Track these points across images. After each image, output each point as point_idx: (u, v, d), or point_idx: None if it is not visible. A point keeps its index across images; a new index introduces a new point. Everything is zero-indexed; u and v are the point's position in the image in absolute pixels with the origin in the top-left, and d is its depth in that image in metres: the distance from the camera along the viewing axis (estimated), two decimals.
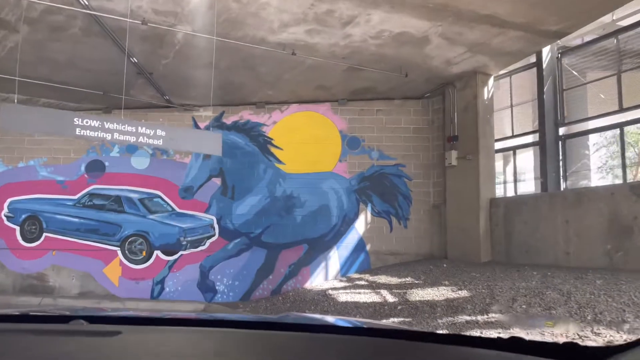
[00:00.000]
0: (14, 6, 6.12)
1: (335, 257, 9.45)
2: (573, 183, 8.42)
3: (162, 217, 9.58)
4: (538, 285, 5.90)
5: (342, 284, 8.69)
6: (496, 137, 8.80)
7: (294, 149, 9.66)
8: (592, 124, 8.09)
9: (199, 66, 7.88)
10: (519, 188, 9.46)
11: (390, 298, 6.87)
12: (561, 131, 8.37)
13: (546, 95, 8.07)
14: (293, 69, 8.19)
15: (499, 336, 1.22)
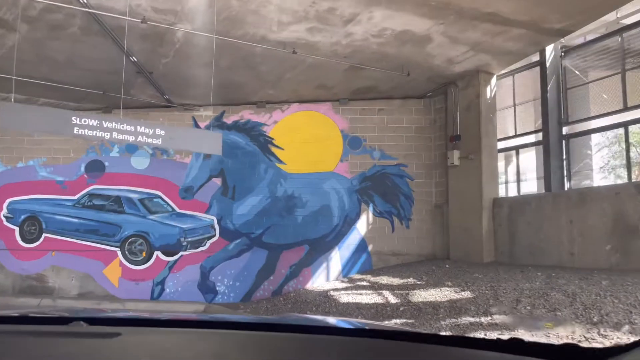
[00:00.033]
0: (12, 5, 6.06)
1: (337, 258, 9.38)
2: (575, 183, 8.34)
3: (162, 218, 9.52)
4: (542, 286, 5.83)
5: (343, 284, 8.62)
6: (498, 137, 8.73)
7: (295, 148, 9.60)
8: (596, 123, 8.00)
9: (199, 65, 7.81)
10: (520, 188, 9.38)
11: (392, 299, 6.80)
12: (564, 130, 8.29)
13: (549, 94, 7.99)
14: (294, 68, 8.13)
15: (498, 337, 1.22)
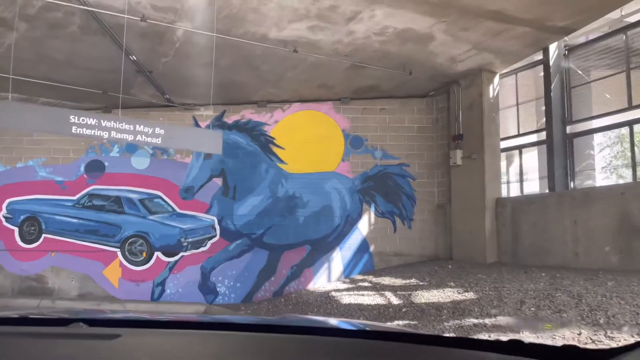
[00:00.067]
0: (10, 3, 6.00)
1: (338, 258, 9.31)
2: (578, 183, 8.25)
3: (162, 218, 9.46)
4: (547, 287, 5.75)
5: (345, 285, 8.55)
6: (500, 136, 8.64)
7: (296, 148, 9.53)
8: (600, 122, 7.91)
9: (199, 64, 7.75)
10: (523, 188, 9.29)
11: (394, 300, 6.72)
12: (568, 129, 8.20)
13: (553, 93, 7.91)
14: (295, 67, 8.06)
15: (498, 338, 1.21)
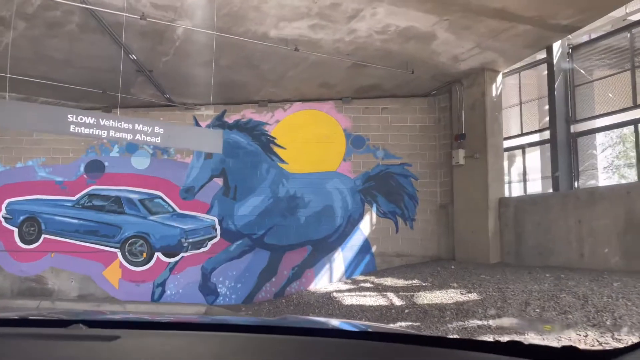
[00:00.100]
0: (6, 1, 5.94)
1: (340, 259, 9.24)
2: (581, 183, 8.17)
3: (162, 218, 9.40)
4: (551, 288, 5.67)
5: (347, 286, 8.47)
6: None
7: (297, 148, 9.46)
8: (605, 121, 7.83)
9: (199, 63, 7.69)
10: (525, 188, 9.21)
11: (397, 301, 6.65)
12: (572, 129, 8.13)
13: (557, 92, 7.83)
14: (296, 66, 8.00)
15: (497, 339, 1.22)
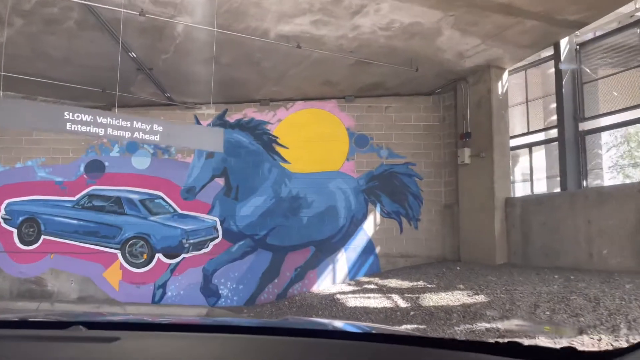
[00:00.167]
0: None
1: (343, 260, 9.10)
2: (588, 182, 8.00)
3: (163, 219, 9.28)
4: (561, 289, 5.53)
5: (350, 288, 8.34)
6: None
7: (299, 147, 9.33)
8: (613, 119, 7.67)
9: (200, 61, 7.57)
10: (527, 188, 9.04)
11: (402, 303, 6.51)
12: (580, 127, 7.96)
13: (565, 89, 7.67)
14: (298, 63, 7.87)
15: (497, 340, 1.21)
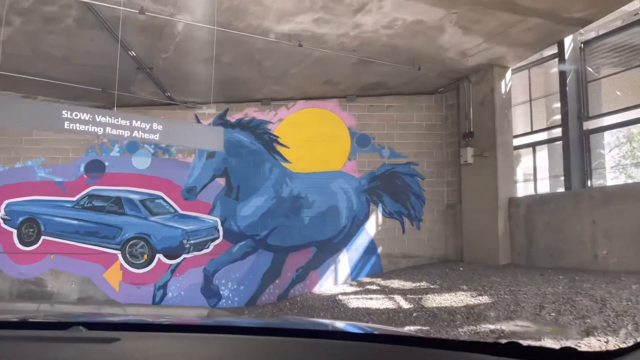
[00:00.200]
0: None
1: (345, 260, 9.03)
2: (593, 182, 7.91)
3: (164, 219, 9.22)
4: (566, 290, 5.45)
5: (352, 288, 8.26)
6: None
7: (301, 147, 9.26)
8: (618, 118, 7.58)
9: (200, 60, 7.51)
10: (530, 188, 8.95)
11: (404, 304, 6.43)
12: (585, 126, 7.87)
13: (569, 88, 7.59)
14: (300, 62, 7.80)
15: (497, 341, 1.20)
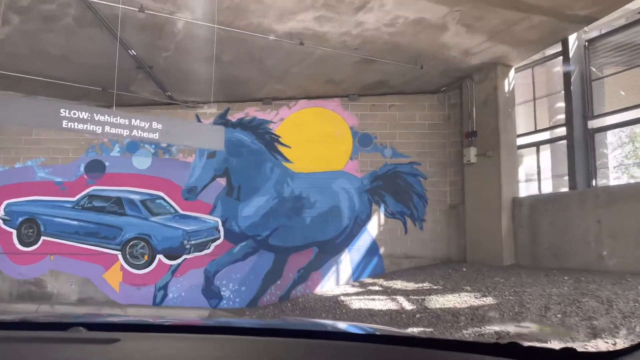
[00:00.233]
0: None
1: (347, 261, 8.96)
2: (597, 181, 7.82)
3: (164, 220, 9.15)
4: (571, 291, 5.37)
5: (354, 289, 8.19)
6: None
7: (302, 146, 9.20)
8: (621, 117, 7.49)
9: (201, 59, 7.44)
10: (532, 188, 8.88)
11: (407, 305, 6.36)
12: (589, 125, 7.79)
13: (573, 87, 7.51)
14: (301, 61, 7.74)
15: (496, 341, 1.20)
